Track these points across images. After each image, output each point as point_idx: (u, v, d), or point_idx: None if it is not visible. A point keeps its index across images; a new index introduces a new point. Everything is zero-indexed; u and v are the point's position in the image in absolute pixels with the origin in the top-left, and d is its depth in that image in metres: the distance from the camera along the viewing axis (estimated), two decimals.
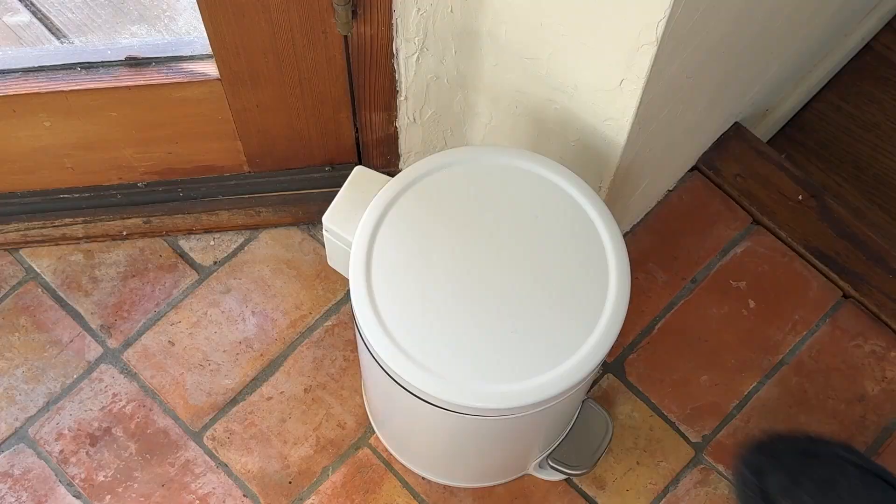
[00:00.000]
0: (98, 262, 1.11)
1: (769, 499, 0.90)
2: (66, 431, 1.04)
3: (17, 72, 0.97)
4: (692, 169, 1.17)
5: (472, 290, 0.78)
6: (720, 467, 1.03)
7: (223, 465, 1.03)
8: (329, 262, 0.89)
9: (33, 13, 1.19)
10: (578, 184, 0.82)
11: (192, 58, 0.98)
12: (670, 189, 1.16)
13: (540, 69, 0.85)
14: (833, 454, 0.92)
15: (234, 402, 1.05)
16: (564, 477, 1.01)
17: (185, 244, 1.12)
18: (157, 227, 1.12)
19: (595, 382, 1.07)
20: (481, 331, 0.77)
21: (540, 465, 1.00)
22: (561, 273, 0.79)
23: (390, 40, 0.91)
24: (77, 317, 1.09)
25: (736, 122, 1.18)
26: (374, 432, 1.04)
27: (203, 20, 0.88)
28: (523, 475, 1.02)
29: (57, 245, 1.12)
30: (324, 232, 0.84)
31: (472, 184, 0.82)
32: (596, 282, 0.78)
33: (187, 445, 1.03)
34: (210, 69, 0.96)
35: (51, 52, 1.05)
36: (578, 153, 0.92)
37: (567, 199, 0.81)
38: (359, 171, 0.84)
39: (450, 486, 1.02)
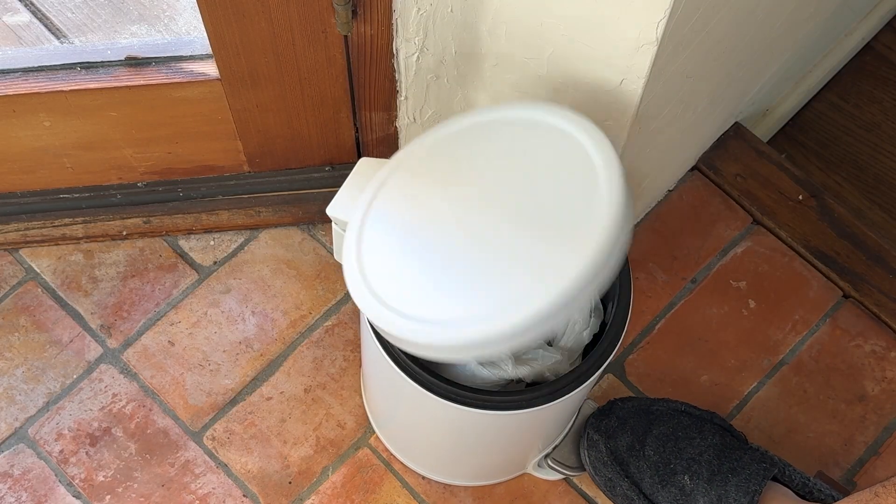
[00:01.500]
0: (98, 262, 1.11)
1: (619, 459, 0.93)
2: (65, 431, 1.04)
3: (17, 72, 0.97)
4: (692, 169, 1.17)
5: (461, 239, 0.74)
6: None
7: (223, 466, 1.03)
8: (336, 257, 0.89)
9: (33, 13, 1.19)
10: (576, 120, 0.76)
11: (192, 58, 0.98)
12: (670, 189, 1.16)
13: (540, 69, 0.85)
14: (669, 409, 0.96)
15: (233, 402, 1.05)
16: (563, 476, 1.01)
17: (185, 244, 1.12)
18: (156, 227, 1.12)
19: (595, 383, 1.07)
20: (471, 275, 0.73)
21: (538, 465, 1.00)
22: (552, 206, 0.74)
23: (390, 40, 0.91)
24: (77, 317, 1.09)
25: (736, 122, 1.18)
26: (374, 432, 1.04)
27: (203, 20, 0.88)
28: (522, 474, 1.02)
29: (57, 245, 1.12)
30: (332, 225, 0.84)
31: (470, 144, 0.79)
32: (587, 208, 0.72)
33: (187, 445, 1.03)
34: (210, 69, 0.96)
35: (51, 51, 1.05)
36: None
37: (564, 136, 0.76)
38: (363, 161, 0.83)
39: (450, 487, 1.02)
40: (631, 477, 0.94)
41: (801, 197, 1.15)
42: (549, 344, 0.87)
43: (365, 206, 0.78)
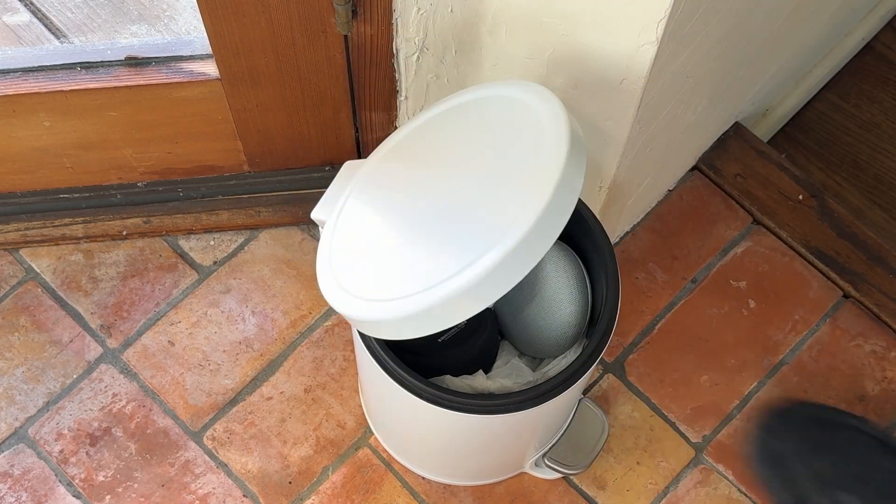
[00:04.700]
0: (98, 261, 1.11)
1: (782, 462, 0.91)
2: (65, 431, 1.03)
3: (17, 71, 0.97)
4: (692, 168, 1.17)
5: (423, 216, 0.75)
6: (720, 467, 1.03)
7: (223, 465, 1.03)
8: None
9: (33, 13, 1.19)
10: (531, 88, 0.77)
11: (192, 58, 0.98)
12: (671, 189, 1.16)
13: (540, 69, 0.85)
14: (847, 424, 0.94)
15: (234, 402, 1.05)
16: (561, 475, 1.01)
17: (185, 244, 1.12)
18: (156, 226, 1.12)
19: (595, 382, 1.07)
20: (432, 246, 0.74)
21: (536, 464, 1.00)
22: (512, 171, 0.74)
23: (390, 40, 0.91)
24: (77, 317, 1.09)
25: (736, 122, 1.18)
26: (373, 432, 1.04)
27: (203, 20, 0.88)
28: (522, 473, 1.02)
29: (57, 245, 1.12)
30: (320, 228, 0.84)
31: (436, 130, 0.80)
32: (538, 167, 0.72)
33: (187, 445, 1.03)
34: (210, 69, 0.96)
35: (51, 51, 1.05)
36: None
37: (522, 105, 0.76)
38: (347, 165, 0.85)
39: (450, 487, 1.02)
40: (793, 482, 0.92)
41: (801, 197, 1.15)
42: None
43: (340, 206, 0.80)
